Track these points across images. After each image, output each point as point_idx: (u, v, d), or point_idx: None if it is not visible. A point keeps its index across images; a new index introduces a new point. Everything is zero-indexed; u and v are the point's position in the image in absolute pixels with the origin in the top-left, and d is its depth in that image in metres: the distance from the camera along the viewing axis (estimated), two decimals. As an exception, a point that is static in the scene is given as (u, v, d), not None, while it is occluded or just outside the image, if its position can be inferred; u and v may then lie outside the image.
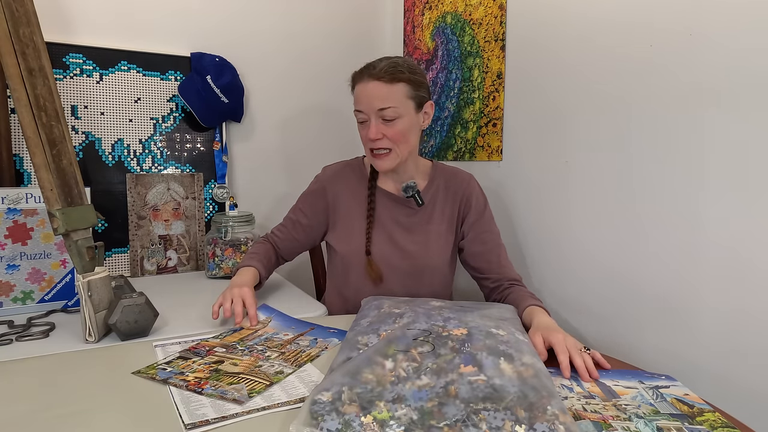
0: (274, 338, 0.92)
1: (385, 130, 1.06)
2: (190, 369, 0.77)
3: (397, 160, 1.10)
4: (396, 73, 1.04)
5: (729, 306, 0.93)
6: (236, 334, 0.93)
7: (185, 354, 0.83)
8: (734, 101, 0.90)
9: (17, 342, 0.92)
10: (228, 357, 0.82)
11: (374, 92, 1.05)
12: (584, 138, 1.19)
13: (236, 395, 0.69)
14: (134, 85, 1.49)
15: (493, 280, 1.13)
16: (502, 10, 1.39)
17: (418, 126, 1.11)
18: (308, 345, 0.89)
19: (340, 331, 0.96)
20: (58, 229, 0.95)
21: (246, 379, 0.74)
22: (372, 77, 1.05)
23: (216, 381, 0.73)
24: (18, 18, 0.94)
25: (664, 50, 1.01)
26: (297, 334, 0.95)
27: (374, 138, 1.06)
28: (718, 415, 0.65)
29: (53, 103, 0.98)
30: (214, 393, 0.70)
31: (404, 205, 1.16)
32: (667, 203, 1.02)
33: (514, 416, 0.56)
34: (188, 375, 0.75)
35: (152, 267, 1.51)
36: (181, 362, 0.80)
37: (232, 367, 0.78)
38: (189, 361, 0.80)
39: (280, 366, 0.80)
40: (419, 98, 1.08)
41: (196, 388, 0.71)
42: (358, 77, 1.09)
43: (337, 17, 1.82)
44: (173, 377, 0.74)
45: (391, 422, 0.56)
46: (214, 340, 0.89)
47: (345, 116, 1.82)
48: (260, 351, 0.85)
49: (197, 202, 1.58)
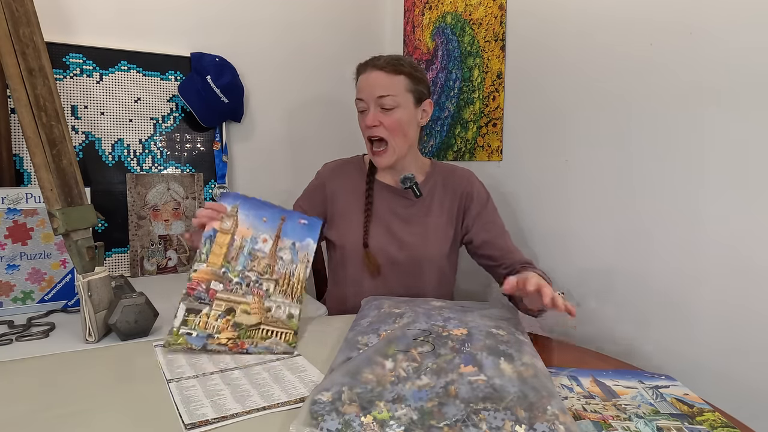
0: (257, 253, 0.91)
1: (382, 118, 1.09)
2: (213, 329, 0.82)
3: (394, 156, 1.11)
4: (398, 65, 1.09)
5: (729, 304, 0.93)
6: (218, 252, 0.89)
7: (191, 305, 0.84)
8: (734, 99, 0.90)
9: (17, 342, 0.92)
10: (234, 301, 0.86)
11: (376, 81, 1.09)
12: (584, 137, 1.19)
13: (282, 348, 0.82)
14: (134, 85, 1.49)
15: (505, 266, 1.12)
16: (502, 10, 1.39)
17: (416, 121, 1.13)
18: (291, 260, 0.93)
19: (310, 221, 0.98)
20: (58, 229, 0.95)
21: (269, 330, 0.83)
22: (375, 67, 1.10)
23: (248, 338, 0.82)
24: (18, 18, 0.94)
25: (663, 49, 1.01)
26: (274, 237, 0.93)
27: (371, 125, 1.09)
28: (717, 414, 0.65)
29: (53, 103, 0.98)
30: (260, 350, 0.81)
31: (402, 197, 1.18)
32: (668, 201, 1.02)
33: (514, 416, 0.56)
34: (219, 337, 0.82)
35: (152, 267, 1.51)
36: (196, 319, 0.83)
37: (248, 317, 0.85)
38: (203, 315, 0.84)
39: (285, 306, 0.88)
40: (418, 93, 1.11)
41: (240, 349, 0.80)
42: (362, 68, 1.14)
43: (338, 17, 1.82)
44: (208, 343, 0.81)
45: (391, 422, 0.56)
46: (203, 270, 0.87)
47: (345, 117, 1.82)
48: (256, 284, 0.88)
49: (197, 202, 1.58)
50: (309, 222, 0.97)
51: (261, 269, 0.90)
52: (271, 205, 0.96)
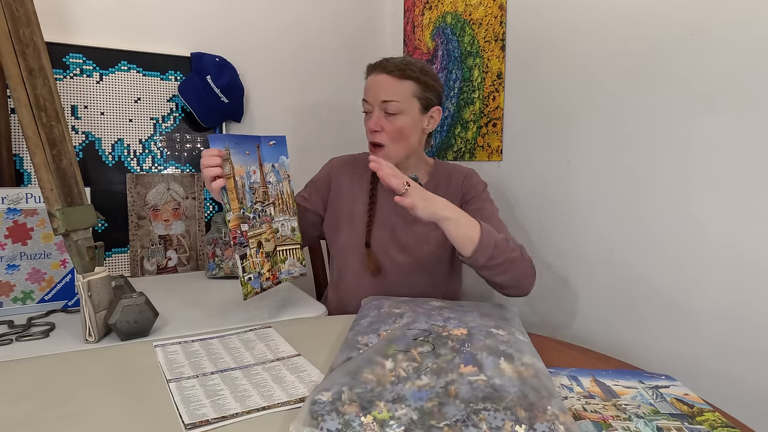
0: (253, 185, 1.00)
1: (385, 123, 1.07)
2: (258, 266, 0.95)
3: (390, 160, 1.08)
4: (406, 70, 1.07)
5: (730, 304, 0.93)
6: (233, 197, 0.96)
7: (240, 252, 0.94)
8: (734, 100, 0.90)
9: (17, 342, 0.92)
10: (258, 234, 0.98)
11: (382, 84, 1.07)
12: (584, 137, 1.19)
13: (299, 271, 1.04)
14: (134, 85, 1.49)
15: None
16: (502, 10, 1.39)
17: (421, 128, 1.11)
18: (277, 181, 1.04)
19: (276, 139, 1.05)
20: (58, 229, 0.95)
21: (283, 250, 0.97)
22: (383, 70, 1.08)
23: (275, 265, 0.97)
24: (18, 18, 0.94)
25: (664, 50, 1.01)
26: (258, 165, 1.02)
27: (373, 129, 1.08)
28: (718, 414, 0.65)
29: (53, 103, 0.98)
30: (285, 276, 1.01)
31: None
32: (668, 201, 1.02)
33: (514, 416, 0.56)
34: (264, 272, 0.95)
35: (152, 267, 1.51)
36: (247, 263, 0.94)
37: (269, 244, 0.99)
38: (249, 258, 0.94)
39: (287, 222, 1.03)
40: (426, 100, 1.09)
41: (276, 280, 0.97)
42: (370, 69, 1.12)
43: (337, 17, 1.82)
44: (262, 282, 0.95)
45: (391, 422, 0.56)
46: (233, 218, 0.95)
47: (345, 116, 1.82)
48: (263, 212, 1.00)
49: (197, 202, 1.58)
50: (276, 140, 1.04)
51: (261, 198, 1.00)
52: (245, 136, 1.02)
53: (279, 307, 1.14)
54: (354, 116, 1.80)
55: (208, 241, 1.43)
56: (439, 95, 1.13)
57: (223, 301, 1.19)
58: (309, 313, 1.11)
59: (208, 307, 1.14)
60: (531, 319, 1.35)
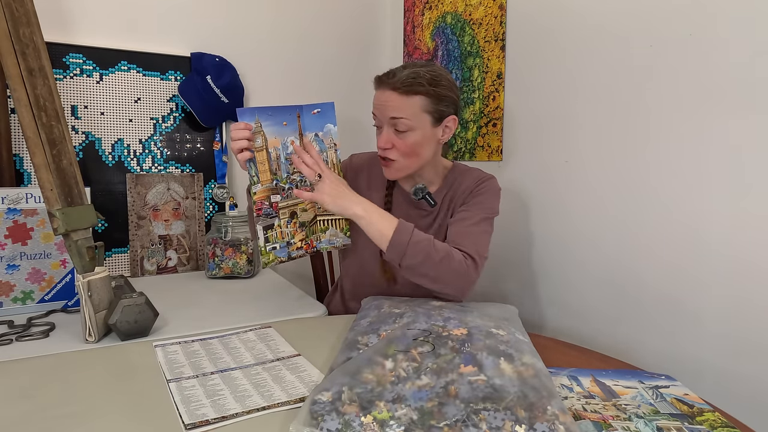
0: (290, 155, 0.99)
1: (395, 140, 1.02)
2: (288, 236, 0.95)
3: (401, 172, 1.06)
4: (414, 85, 0.99)
5: (730, 304, 0.93)
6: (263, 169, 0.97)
7: (265, 222, 0.95)
8: (735, 100, 0.90)
9: (17, 342, 0.92)
10: (293, 205, 0.98)
11: (388, 102, 1.01)
12: (584, 137, 1.19)
13: (342, 242, 1.01)
14: (134, 85, 1.49)
15: None
16: (502, 10, 1.39)
17: (435, 140, 1.05)
18: (320, 150, 1.01)
19: (322, 107, 1.02)
20: (58, 229, 0.95)
21: (324, 220, 0.98)
22: (388, 86, 1.01)
23: (313, 235, 0.97)
24: (18, 18, 0.94)
25: (664, 50, 1.01)
26: (297, 135, 1.00)
27: (383, 146, 1.03)
28: (718, 414, 0.65)
29: (53, 103, 0.98)
30: (325, 245, 0.99)
31: (419, 207, 1.13)
32: (668, 201, 1.02)
33: (514, 416, 0.56)
34: (295, 242, 0.96)
35: (152, 267, 1.51)
36: (273, 233, 0.95)
37: (306, 214, 0.99)
38: (276, 228, 0.95)
39: None
40: (438, 113, 1.02)
41: (311, 248, 0.96)
42: (377, 83, 1.05)
43: (337, 17, 1.82)
44: (290, 251, 0.96)
45: (391, 422, 0.56)
46: (260, 190, 0.96)
47: (345, 115, 1.82)
48: (302, 183, 0.99)
49: (197, 202, 1.58)
50: (322, 108, 1.02)
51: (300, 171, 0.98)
52: (283, 107, 1.01)
53: (279, 307, 1.14)
54: (354, 116, 1.81)
55: (208, 241, 1.43)
56: (455, 103, 1.05)
57: (223, 301, 1.19)
58: (309, 313, 1.11)
59: (208, 307, 1.14)
60: (531, 319, 1.35)
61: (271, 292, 1.27)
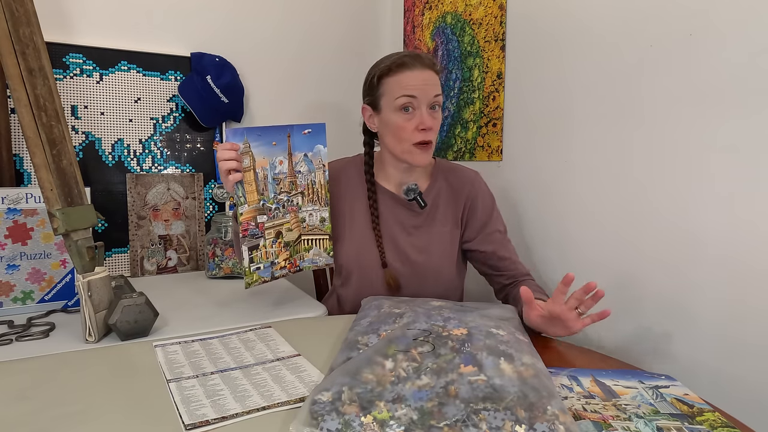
0: (278, 176, 1.00)
1: (432, 121, 1.05)
2: (272, 256, 0.95)
3: (432, 151, 1.08)
4: (437, 63, 1.09)
5: (729, 304, 0.93)
6: (251, 190, 0.97)
7: (250, 243, 0.95)
8: (735, 100, 0.90)
9: (17, 342, 0.92)
10: (278, 224, 0.98)
11: (430, 80, 1.05)
12: (584, 137, 1.19)
13: (325, 261, 1.02)
14: (134, 85, 1.49)
15: (507, 277, 1.12)
16: (502, 10, 1.39)
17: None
18: (308, 170, 1.03)
19: (313, 128, 1.03)
20: (58, 229, 0.95)
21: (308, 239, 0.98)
22: (425, 65, 1.05)
23: (297, 254, 0.97)
24: (18, 18, 0.94)
25: (664, 50, 1.01)
26: (287, 155, 1.01)
27: (429, 126, 1.03)
28: (718, 415, 0.65)
29: (53, 103, 0.98)
30: (308, 264, 1.00)
31: (406, 207, 1.14)
32: (667, 202, 1.02)
33: (514, 416, 0.56)
34: (279, 261, 0.96)
35: (152, 267, 1.51)
36: (258, 253, 0.95)
37: (291, 233, 0.99)
38: (261, 248, 0.96)
39: (316, 212, 1.02)
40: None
41: (295, 267, 0.97)
42: (408, 63, 1.04)
43: (338, 17, 1.83)
44: (273, 271, 0.96)
45: (391, 422, 0.56)
46: (247, 210, 0.96)
47: (345, 115, 1.82)
48: (288, 202, 1.00)
49: (197, 202, 1.58)
50: (313, 129, 1.02)
51: (287, 188, 1.00)
52: (274, 127, 1.01)
53: (279, 307, 1.14)
54: (354, 116, 1.80)
55: (208, 241, 1.43)
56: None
57: (223, 301, 1.19)
58: (309, 313, 1.11)
59: (208, 307, 1.14)
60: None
61: (271, 292, 1.27)
